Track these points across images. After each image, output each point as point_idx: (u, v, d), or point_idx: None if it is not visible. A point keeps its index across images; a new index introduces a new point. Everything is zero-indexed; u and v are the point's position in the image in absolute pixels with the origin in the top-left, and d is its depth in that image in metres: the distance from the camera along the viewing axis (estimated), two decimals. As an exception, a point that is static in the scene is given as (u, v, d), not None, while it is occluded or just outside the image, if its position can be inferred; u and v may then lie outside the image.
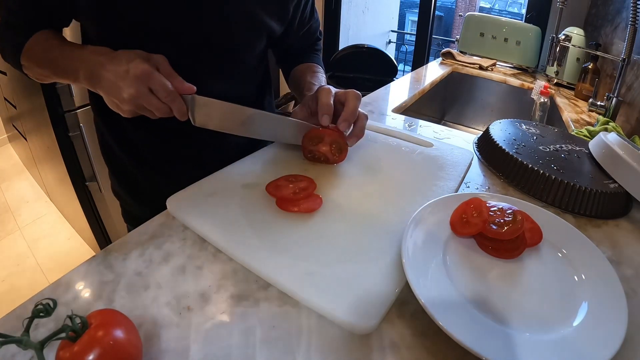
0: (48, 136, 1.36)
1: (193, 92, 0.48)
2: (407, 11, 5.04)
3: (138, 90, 0.44)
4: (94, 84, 0.47)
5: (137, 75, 0.43)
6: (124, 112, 0.47)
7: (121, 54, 0.46)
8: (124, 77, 0.44)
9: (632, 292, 0.42)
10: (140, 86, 0.44)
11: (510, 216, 0.44)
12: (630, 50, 0.95)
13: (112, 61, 0.45)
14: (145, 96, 0.45)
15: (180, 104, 0.47)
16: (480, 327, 0.34)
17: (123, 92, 0.44)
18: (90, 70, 0.47)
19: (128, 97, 0.44)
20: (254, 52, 0.65)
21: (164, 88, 0.45)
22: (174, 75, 0.47)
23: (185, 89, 0.47)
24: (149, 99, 0.45)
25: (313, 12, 0.74)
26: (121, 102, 0.45)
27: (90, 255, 0.42)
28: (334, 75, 2.02)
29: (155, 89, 0.45)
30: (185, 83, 0.47)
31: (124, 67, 0.44)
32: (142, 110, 0.47)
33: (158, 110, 0.46)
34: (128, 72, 0.43)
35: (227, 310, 0.36)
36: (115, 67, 0.45)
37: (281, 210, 0.47)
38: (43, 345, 0.26)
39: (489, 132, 0.73)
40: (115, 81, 0.44)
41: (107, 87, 0.46)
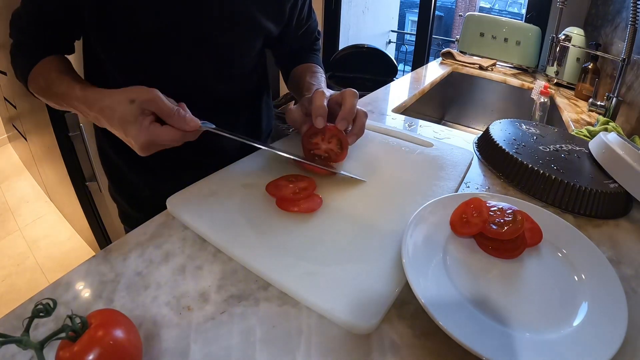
0: (48, 136, 1.36)
1: (197, 128, 0.47)
2: (407, 11, 5.04)
3: (150, 151, 0.45)
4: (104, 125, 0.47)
5: (142, 148, 0.44)
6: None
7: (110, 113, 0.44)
8: (132, 144, 0.44)
9: (632, 291, 0.42)
10: (151, 148, 0.44)
11: (510, 216, 0.44)
12: (630, 50, 0.95)
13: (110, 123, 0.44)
14: (159, 148, 0.45)
15: (190, 138, 0.48)
16: (480, 327, 0.34)
17: (135, 149, 0.45)
18: (95, 120, 0.47)
19: (143, 155, 0.45)
20: (251, 53, 0.65)
21: (172, 141, 0.45)
22: (172, 114, 0.45)
23: (188, 129, 0.46)
24: (162, 148, 0.46)
25: (311, 13, 0.74)
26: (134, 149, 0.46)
27: (90, 255, 0.42)
28: (334, 75, 2.02)
29: (163, 145, 0.45)
30: (188, 121, 0.45)
31: (123, 133, 0.44)
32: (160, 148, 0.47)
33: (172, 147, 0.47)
34: (132, 144, 0.44)
35: (227, 310, 0.36)
36: (117, 132, 0.45)
37: (281, 210, 0.47)
38: (43, 345, 0.26)
39: (489, 132, 0.73)
40: (125, 138, 0.45)
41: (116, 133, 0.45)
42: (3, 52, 1.56)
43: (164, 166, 0.68)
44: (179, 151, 0.66)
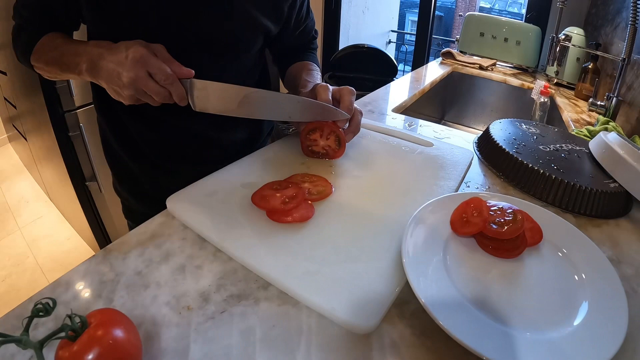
0: (48, 136, 1.36)
1: (191, 75, 0.48)
2: (407, 11, 5.04)
3: (137, 74, 0.45)
4: (95, 74, 0.48)
5: (136, 59, 0.45)
6: (125, 98, 0.48)
7: (120, 44, 0.47)
8: (123, 63, 0.45)
9: (632, 291, 0.42)
10: (139, 70, 0.45)
11: (510, 216, 0.43)
12: (630, 50, 0.95)
13: (111, 51, 0.47)
14: (144, 80, 0.46)
15: (178, 88, 0.48)
16: (481, 326, 0.34)
17: (122, 77, 0.45)
18: (91, 61, 0.48)
19: (127, 81, 0.45)
20: (251, 52, 0.66)
21: (162, 71, 0.46)
22: (172, 60, 0.48)
23: (184, 73, 0.48)
24: (148, 83, 0.46)
25: (308, 12, 0.75)
26: (121, 88, 0.46)
27: (90, 255, 0.42)
28: (334, 75, 2.02)
29: (153, 72, 0.46)
30: (184, 67, 0.48)
31: (123, 54, 0.45)
32: (142, 96, 0.48)
33: (157, 94, 0.47)
34: (127, 58, 0.45)
35: (227, 309, 0.36)
36: (114, 56, 0.46)
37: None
38: (42, 345, 0.26)
39: (489, 132, 0.72)
40: (115, 68, 0.46)
41: (107, 76, 0.47)
42: (3, 52, 1.56)
43: (166, 159, 0.68)
44: (181, 144, 0.67)
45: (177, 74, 0.47)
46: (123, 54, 0.45)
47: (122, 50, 0.46)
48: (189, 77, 0.49)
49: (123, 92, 0.47)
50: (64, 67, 0.53)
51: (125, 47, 0.46)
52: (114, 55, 0.46)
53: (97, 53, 0.48)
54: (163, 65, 0.46)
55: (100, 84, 0.50)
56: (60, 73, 0.55)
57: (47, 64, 0.55)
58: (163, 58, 0.47)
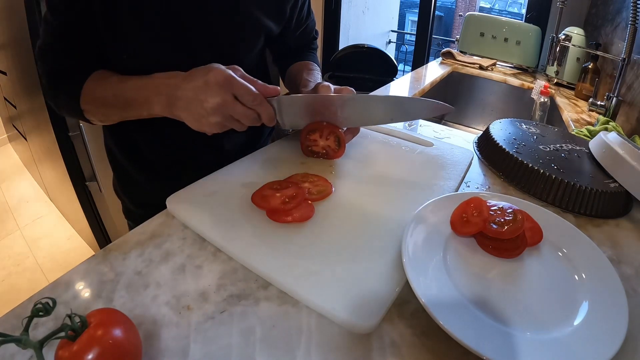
0: (48, 136, 1.36)
1: (278, 93, 0.45)
2: (407, 11, 5.04)
3: (223, 98, 0.42)
4: (173, 108, 0.45)
5: (220, 82, 0.41)
6: (210, 126, 0.45)
7: (194, 71, 0.44)
8: (205, 89, 0.42)
9: (632, 291, 0.42)
10: (224, 93, 0.42)
11: (510, 215, 0.43)
12: (630, 50, 0.95)
13: (186, 79, 0.43)
14: (231, 104, 0.43)
15: (267, 107, 0.45)
16: (481, 326, 0.34)
17: (207, 104, 0.42)
18: (166, 94, 0.45)
19: (213, 107, 0.42)
20: (252, 51, 0.66)
21: (249, 92, 0.43)
22: (254, 80, 0.45)
23: (270, 92, 0.45)
24: (235, 107, 0.43)
25: (309, 12, 0.75)
26: (206, 116, 0.43)
27: (90, 255, 0.42)
28: (334, 75, 2.02)
29: (239, 94, 0.43)
30: (269, 86, 0.45)
31: (202, 79, 0.42)
32: (228, 121, 0.45)
33: (245, 117, 0.44)
34: (208, 83, 0.42)
35: (227, 309, 0.36)
36: (192, 84, 0.43)
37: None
38: (42, 345, 0.26)
39: (489, 132, 0.72)
40: (195, 96, 0.42)
41: (187, 106, 0.43)
42: (3, 52, 1.56)
43: (166, 165, 0.68)
44: (184, 149, 0.67)
45: (263, 93, 0.44)
46: (201, 79, 0.42)
47: (199, 76, 0.42)
48: (276, 94, 0.45)
49: (209, 119, 0.43)
50: (127, 105, 0.49)
51: (203, 72, 0.42)
52: (192, 83, 0.43)
53: (171, 84, 0.44)
54: (249, 86, 0.43)
55: (178, 117, 0.46)
56: (120, 112, 0.51)
57: (104, 105, 0.51)
58: (244, 78, 0.44)
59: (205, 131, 0.46)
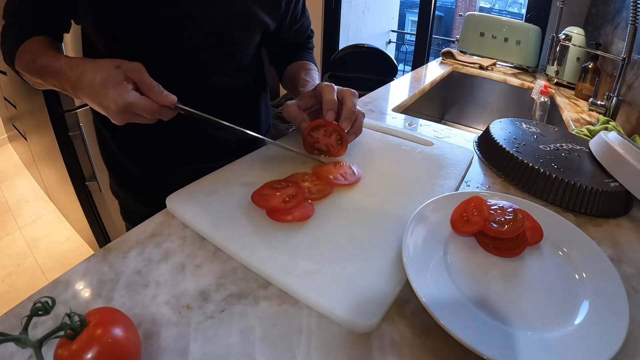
0: (48, 136, 1.36)
1: (174, 104, 0.48)
2: (407, 11, 5.04)
3: (124, 119, 0.45)
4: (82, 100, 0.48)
5: (120, 110, 0.44)
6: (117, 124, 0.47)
7: (96, 73, 0.44)
8: (108, 110, 0.44)
9: (633, 290, 0.42)
10: (125, 116, 0.45)
11: (510, 215, 0.43)
12: (631, 50, 0.95)
13: (89, 87, 0.45)
14: (133, 118, 0.46)
15: (166, 114, 0.48)
16: (482, 325, 0.34)
17: (111, 118, 0.45)
18: (72, 87, 0.47)
19: (116, 122, 0.45)
20: (249, 47, 0.66)
21: (148, 111, 0.46)
22: (152, 87, 0.46)
23: (167, 102, 0.47)
24: (137, 119, 0.47)
25: (304, 10, 0.75)
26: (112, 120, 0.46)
27: (89, 255, 0.42)
28: (334, 75, 2.02)
29: (139, 113, 0.46)
30: (165, 96, 0.47)
31: (102, 95, 0.44)
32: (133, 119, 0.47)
33: (148, 121, 0.48)
34: (108, 108, 0.44)
35: (227, 308, 0.36)
36: (96, 98, 0.44)
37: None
38: (41, 344, 0.26)
39: (489, 131, 0.72)
40: (101, 109, 0.45)
41: (95, 108, 0.46)
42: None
43: (163, 157, 0.68)
44: (178, 142, 0.67)
45: (160, 103, 0.46)
46: (101, 95, 0.43)
47: (100, 90, 0.43)
48: (172, 104, 0.48)
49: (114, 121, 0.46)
50: (45, 80, 0.52)
51: (103, 85, 0.43)
52: (96, 97, 0.44)
53: (74, 80, 0.46)
54: (147, 106, 0.45)
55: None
56: (43, 83, 0.53)
57: (30, 73, 0.54)
58: (144, 85, 0.45)
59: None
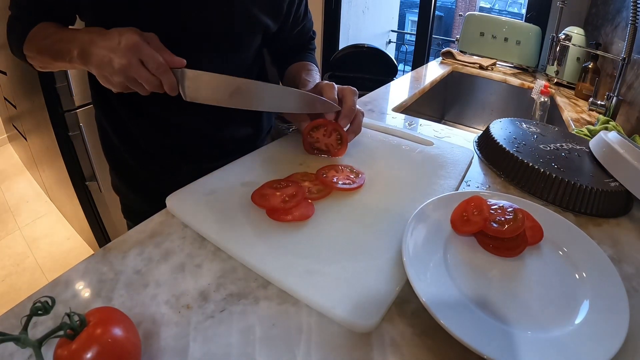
0: (48, 136, 1.35)
1: (183, 65, 0.48)
2: (407, 11, 5.04)
3: (129, 60, 0.44)
4: (86, 60, 0.48)
5: (129, 46, 0.44)
6: (114, 85, 0.47)
7: (113, 30, 0.46)
8: (115, 49, 0.44)
9: (633, 290, 0.42)
10: (131, 57, 0.44)
11: (511, 214, 0.43)
12: (631, 50, 0.95)
13: (103, 37, 0.46)
14: (136, 67, 0.45)
15: (170, 77, 0.47)
16: (482, 325, 0.34)
17: (114, 63, 0.45)
18: (82, 47, 0.48)
19: (119, 68, 0.45)
20: (250, 49, 0.66)
21: (154, 59, 0.45)
22: (165, 49, 0.48)
23: (175, 62, 0.48)
24: (139, 71, 0.46)
25: (307, 11, 0.75)
26: (112, 74, 0.46)
27: (89, 255, 0.42)
28: (334, 75, 2.02)
29: (145, 60, 0.45)
30: (175, 57, 0.48)
31: (116, 40, 0.45)
32: (132, 83, 0.47)
33: (148, 82, 0.47)
34: (119, 44, 0.44)
35: (227, 308, 0.36)
36: (106, 42, 0.45)
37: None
38: (41, 343, 0.26)
39: (489, 131, 0.72)
40: (106, 54, 0.45)
41: (97, 61, 0.46)
42: (3, 52, 1.56)
43: (165, 155, 0.68)
44: (180, 141, 0.67)
45: (168, 63, 0.47)
46: (115, 40, 0.45)
47: (114, 36, 0.45)
48: (181, 66, 0.48)
49: (113, 78, 0.46)
50: (56, 54, 0.52)
51: (118, 33, 0.45)
52: (106, 42, 0.45)
53: (89, 39, 0.47)
54: (155, 54, 0.46)
55: (90, 70, 0.49)
56: (52, 62, 0.54)
57: (40, 53, 0.55)
58: (156, 47, 0.47)
59: (111, 88, 0.49)
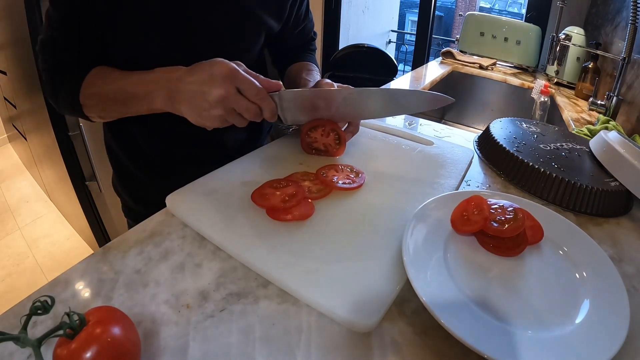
0: (48, 136, 1.36)
1: (280, 88, 0.46)
2: (407, 11, 5.05)
3: (227, 90, 0.42)
4: (175, 101, 0.45)
5: (224, 75, 0.42)
6: (212, 119, 0.45)
7: (199, 64, 0.44)
8: (210, 81, 0.42)
9: (633, 289, 0.42)
10: (228, 86, 0.42)
11: (511, 214, 0.43)
12: (631, 50, 0.95)
13: (191, 72, 0.44)
14: (234, 97, 0.43)
15: (270, 102, 0.46)
16: (482, 325, 0.34)
17: (210, 96, 0.42)
18: (168, 88, 0.45)
19: (216, 100, 0.42)
20: (253, 49, 0.66)
21: (253, 86, 0.43)
22: (257, 75, 0.45)
23: (273, 86, 0.46)
24: (238, 100, 0.43)
25: (308, 12, 0.75)
26: (208, 109, 0.43)
27: (89, 254, 0.42)
28: (334, 75, 2.02)
29: (243, 88, 0.43)
30: (272, 81, 0.46)
31: (207, 72, 0.42)
32: (230, 115, 0.45)
33: (248, 111, 0.44)
34: (213, 75, 0.42)
35: (227, 307, 0.36)
36: (197, 77, 0.43)
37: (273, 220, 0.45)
38: (40, 343, 0.26)
39: (489, 131, 0.72)
40: (199, 88, 0.43)
41: (190, 98, 0.44)
42: (3, 52, 1.56)
43: (169, 161, 0.68)
44: (185, 145, 0.67)
45: (266, 88, 0.45)
46: (206, 72, 0.42)
47: (204, 69, 0.43)
48: (278, 89, 0.46)
49: (211, 112, 0.43)
50: (128, 100, 0.49)
51: (208, 65, 0.43)
52: (195, 76, 0.43)
53: (174, 77, 0.45)
54: (253, 80, 0.43)
55: (179, 111, 0.46)
56: (121, 108, 0.51)
57: (104, 100, 0.51)
58: (248, 73, 0.44)
59: (206, 126, 0.46)
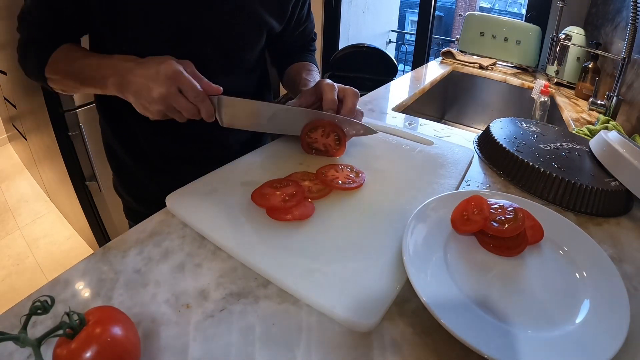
0: (48, 136, 1.35)
1: (220, 92, 0.49)
2: (407, 11, 5.04)
3: (168, 89, 0.45)
4: (123, 89, 0.48)
5: (168, 75, 0.44)
6: (153, 113, 0.47)
7: (150, 59, 0.47)
8: (155, 78, 0.45)
9: (633, 289, 0.42)
10: (170, 86, 0.45)
11: (511, 214, 0.43)
12: (631, 49, 0.95)
13: (141, 65, 0.46)
14: (175, 96, 0.45)
15: (208, 105, 0.48)
16: (482, 324, 0.34)
17: (153, 92, 0.45)
18: (120, 75, 0.48)
19: (158, 97, 0.45)
20: (254, 49, 0.66)
21: (193, 88, 0.46)
22: (201, 77, 0.48)
23: (213, 90, 0.48)
24: (178, 99, 0.46)
25: (309, 13, 0.75)
26: (150, 103, 0.46)
27: (89, 254, 0.42)
28: (334, 74, 2.02)
29: (184, 89, 0.46)
30: (212, 85, 0.48)
31: (154, 69, 0.45)
32: (170, 111, 0.47)
33: (186, 111, 0.47)
34: (158, 73, 0.44)
35: (226, 307, 0.36)
36: (145, 71, 0.45)
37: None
38: (40, 343, 0.26)
39: (489, 131, 0.72)
40: (145, 82, 0.45)
41: (136, 90, 0.46)
42: (3, 52, 1.56)
43: (170, 160, 0.68)
44: (186, 145, 0.67)
45: (206, 91, 0.47)
46: (154, 69, 0.45)
47: (152, 65, 0.45)
48: (218, 93, 0.49)
49: (152, 107, 0.46)
50: (86, 80, 0.52)
51: (156, 62, 0.45)
52: (144, 70, 0.45)
53: (126, 67, 0.47)
54: (194, 83, 0.46)
55: (127, 98, 0.49)
56: (79, 86, 0.54)
57: (66, 77, 0.54)
58: (192, 74, 0.47)
59: (148, 116, 0.49)
